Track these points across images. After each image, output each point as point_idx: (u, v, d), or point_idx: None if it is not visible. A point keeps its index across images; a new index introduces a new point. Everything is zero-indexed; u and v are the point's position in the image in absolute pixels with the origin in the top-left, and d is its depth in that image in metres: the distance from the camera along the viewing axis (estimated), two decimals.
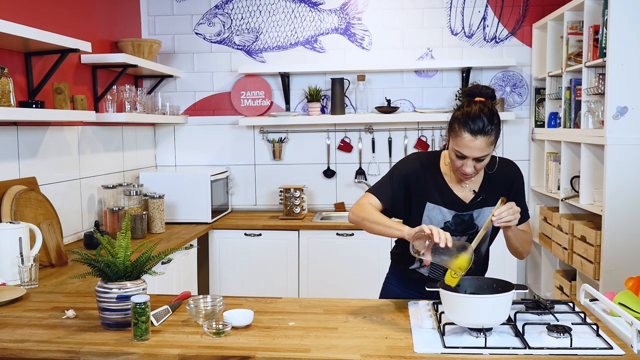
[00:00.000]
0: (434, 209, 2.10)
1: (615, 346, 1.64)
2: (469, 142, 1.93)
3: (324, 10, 4.41)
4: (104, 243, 1.82)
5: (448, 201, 2.10)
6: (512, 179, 2.14)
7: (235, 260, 4.06)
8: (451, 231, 2.08)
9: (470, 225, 2.11)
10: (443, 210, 2.10)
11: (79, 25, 3.49)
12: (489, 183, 2.12)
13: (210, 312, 1.87)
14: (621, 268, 2.97)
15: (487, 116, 1.94)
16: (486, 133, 1.93)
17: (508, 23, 4.33)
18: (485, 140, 1.93)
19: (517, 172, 2.17)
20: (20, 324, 1.89)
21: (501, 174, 2.13)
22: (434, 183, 2.11)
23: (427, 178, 2.12)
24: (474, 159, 1.97)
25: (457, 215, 2.10)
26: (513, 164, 2.19)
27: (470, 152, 1.95)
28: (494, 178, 2.12)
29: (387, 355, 1.61)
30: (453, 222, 2.10)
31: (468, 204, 2.10)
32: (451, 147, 2.01)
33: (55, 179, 3.23)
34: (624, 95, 2.97)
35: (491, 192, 2.10)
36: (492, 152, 2.02)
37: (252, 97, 4.48)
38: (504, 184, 2.12)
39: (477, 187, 2.12)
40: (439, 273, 2.17)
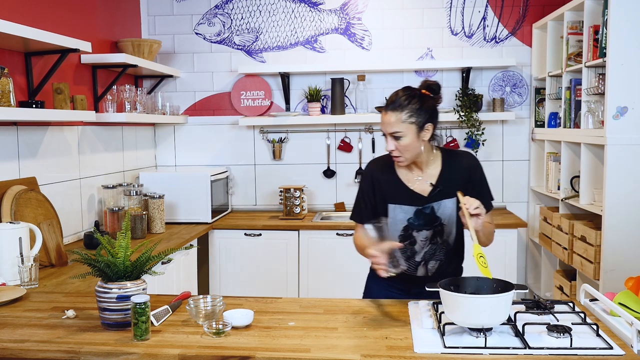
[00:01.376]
0: (395, 208, 2.16)
1: (615, 346, 1.64)
2: (382, 117, 2.10)
3: (324, 10, 4.41)
4: (104, 243, 1.82)
5: (406, 198, 2.15)
6: (469, 170, 2.18)
7: (235, 260, 4.06)
8: (415, 226, 2.14)
9: (433, 218, 2.15)
10: (404, 208, 2.15)
11: (79, 25, 3.49)
12: (446, 175, 2.16)
13: (210, 312, 1.87)
14: (621, 268, 2.97)
15: (403, 97, 2.07)
16: (396, 109, 2.06)
17: (508, 23, 4.33)
18: (396, 115, 2.06)
19: (475, 162, 2.21)
20: (20, 324, 1.89)
21: (458, 165, 2.18)
22: (389, 184, 2.18)
23: (382, 181, 2.20)
24: (391, 136, 2.07)
25: (418, 210, 2.14)
26: (470, 155, 2.24)
27: (384, 128, 2.09)
28: (451, 170, 2.17)
29: (387, 355, 1.61)
30: (415, 217, 2.15)
31: (427, 197, 2.15)
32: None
33: (55, 179, 3.23)
34: (624, 95, 2.97)
35: (449, 184, 2.14)
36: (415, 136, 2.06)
37: (252, 97, 4.48)
38: (461, 175, 2.16)
39: (435, 179, 2.16)
40: (411, 270, 2.21)
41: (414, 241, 2.17)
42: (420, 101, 2.08)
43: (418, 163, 2.16)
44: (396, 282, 2.23)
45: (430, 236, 2.16)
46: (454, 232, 2.19)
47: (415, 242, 2.17)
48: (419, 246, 2.17)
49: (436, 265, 2.21)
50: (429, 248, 2.18)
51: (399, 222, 2.15)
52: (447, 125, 4.40)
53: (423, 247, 2.18)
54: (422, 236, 2.16)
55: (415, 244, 2.17)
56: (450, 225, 2.16)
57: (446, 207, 2.14)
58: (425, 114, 2.08)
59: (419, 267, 2.21)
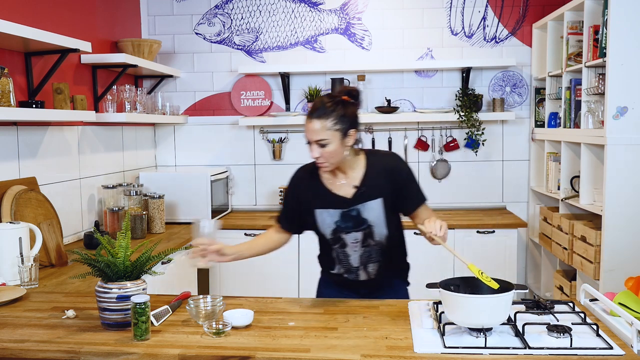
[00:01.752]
0: (322, 213, 2.18)
1: (615, 346, 1.64)
2: (307, 125, 2.08)
3: (324, 10, 4.41)
4: (104, 243, 1.82)
5: (331, 202, 2.17)
6: (393, 171, 2.19)
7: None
8: (343, 229, 2.17)
9: (360, 220, 2.16)
10: (330, 212, 2.17)
11: (79, 25, 3.49)
12: (370, 176, 2.18)
13: (210, 312, 1.87)
14: (621, 268, 2.97)
15: (326, 104, 2.07)
16: (320, 117, 2.05)
17: (508, 23, 4.33)
18: (321, 122, 2.05)
19: (397, 161, 2.23)
20: (20, 324, 1.89)
21: (381, 167, 2.19)
22: (314, 190, 2.20)
23: (307, 188, 2.22)
24: (316, 143, 2.06)
25: (343, 213, 2.16)
26: (393, 155, 2.27)
27: (310, 135, 2.08)
28: (374, 171, 2.18)
29: (387, 355, 1.62)
30: (342, 220, 2.17)
31: (351, 200, 2.16)
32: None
33: (55, 179, 3.23)
34: (624, 95, 2.97)
35: (372, 185, 2.16)
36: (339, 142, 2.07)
37: (252, 97, 4.48)
38: (384, 176, 2.18)
39: (358, 182, 2.17)
40: (353, 274, 2.24)
41: (344, 243, 2.19)
42: (344, 108, 2.08)
43: (342, 167, 2.17)
44: (345, 287, 2.30)
45: (361, 238, 2.18)
46: (385, 233, 2.19)
47: (346, 244, 2.19)
48: (350, 248, 2.20)
49: (376, 267, 2.23)
50: (363, 251, 2.20)
51: (327, 226, 2.18)
52: (447, 125, 4.40)
53: (356, 250, 2.20)
54: (351, 238, 2.18)
55: (345, 246, 2.20)
56: (378, 226, 2.17)
57: (372, 209, 2.16)
58: (349, 121, 2.09)
59: (359, 272, 2.24)
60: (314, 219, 2.20)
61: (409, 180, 2.21)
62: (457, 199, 4.45)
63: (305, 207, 2.22)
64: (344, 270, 2.25)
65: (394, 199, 2.17)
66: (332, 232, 2.18)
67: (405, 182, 2.19)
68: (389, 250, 2.23)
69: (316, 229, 2.23)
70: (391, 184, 2.16)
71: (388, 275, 2.29)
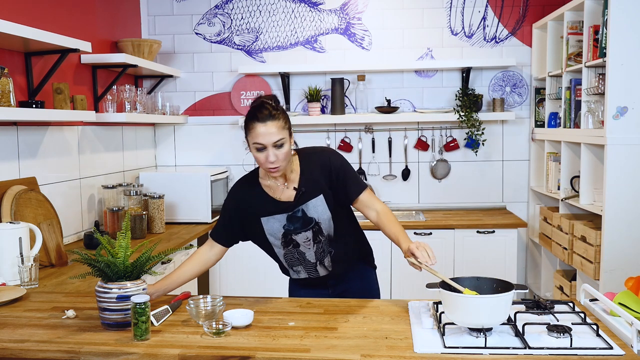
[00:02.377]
0: (268, 220, 2.18)
1: (615, 346, 1.64)
2: (261, 129, 2.01)
3: (324, 10, 4.41)
4: (104, 243, 1.82)
5: (275, 209, 2.17)
6: (326, 163, 2.19)
7: (235, 260, 4.05)
8: (292, 230, 2.17)
9: (307, 220, 2.17)
10: (276, 217, 2.17)
11: (79, 25, 3.49)
12: (307, 176, 2.18)
13: (210, 312, 1.87)
14: (621, 268, 2.97)
15: (270, 104, 2.05)
16: (274, 117, 2.02)
17: (508, 23, 4.33)
18: (276, 124, 2.02)
19: (330, 154, 2.22)
20: (20, 324, 1.89)
21: (315, 163, 2.19)
22: (256, 199, 2.19)
23: (249, 199, 2.20)
24: (274, 146, 2.03)
25: (289, 215, 2.17)
26: (324, 149, 2.27)
27: (266, 139, 2.01)
28: (309, 170, 2.18)
29: (387, 355, 1.61)
30: (290, 223, 2.17)
31: (294, 202, 2.17)
32: (251, 146, 2.07)
33: (55, 179, 3.23)
34: (624, 95, 2.97)
35: (311, 184, 2.17)
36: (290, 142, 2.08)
37: (252, 97, 4.48)
38: (320, 171, 2.18)
39: (297, 183, 2.18)
40: (314, 271, 2.26)
41: (296, 244, 2.20)
42: (281, 107, 2.11)
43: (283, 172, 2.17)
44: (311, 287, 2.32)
45: (311, 237, 2.19)
46: (332, 225, 2.21)
47: (298, 244, 2.20)
48: (304, 247, 2.21)
49: (330, 259, 2.25)
50: (317, 248, 2.21)
51: (276, 231, 2.19)
52: (447, 125, 4.40)
53: (310, 248, 2.21)
54: (302, 238, 2.19)
55: (298, 246, 2.21)
56: (325, 221, 2.18)
57: (316, 207, 2.17)
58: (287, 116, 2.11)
59: (318, 268, 2.26)
60: (260, 227, 2.19)
61: (342, 170, 2.20)
62: (457, 199, 4.45)
63: (250, 218, 2.20)
64: (303, 269, 2.27)
65: (334, 192, 2.19)
66: (283, 236, 2.19)
67: (339, 173, 2.19)
68: (339, 240, 2.24)
69: (263, 237, 2.22)
70: (327, 178, 2.18)
71: (348, 262, 2.31)
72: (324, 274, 2.27)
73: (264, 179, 2.20)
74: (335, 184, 2.19)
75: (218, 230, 2.27)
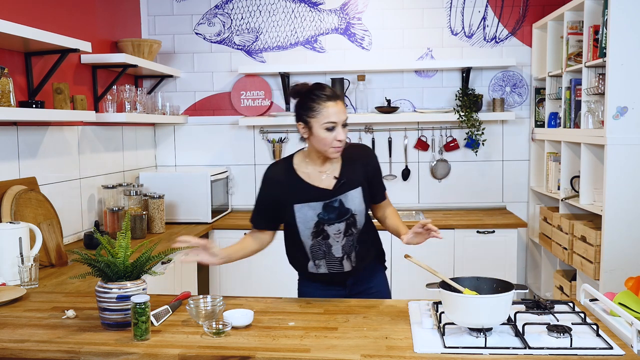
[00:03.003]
0: (302, 208, 2.17)
1: (615, 346, 1.64)
2: (333, 107, 2.07)
3: (324, 10, 4.41)
4: (104, 243, 1.82)
5: (312, 196, 2.17)
6: (366, 159, 2.26)
7: None
8: (326, 220, 2.17)
9: (343, 210, 2.18)
10: (311, 205, 2.17)
11: (79, 25, 3.49)
12: (347, 167, 2.21)
13: (210, 312, 1.87)
14: (621, 268, 2.97)
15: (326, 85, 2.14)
16: (339, 97, 2.12)
17: (508, 23, 4.33)
18: (342, 104, 2.11)
19: (370, 152, 2.33)
20: (20, 324, 1.89)
21: (356, 156, 2.24)
22: (292, 185, 2.20)
23: (285, 185, 2.20)
24: (343, 125, 2.10)
25: (326, 204, 2.17)
26: (366, 147, 2.36)
27: (339, 117, 2.07)
28: (350, 161, 2.22)
29: (387, 355, 1.62)
30: (325, 212, 2.17)
31: (333, 191, 2.17)
32: (318, 126, 2.08)
33: (55, 179, 3.23)
34: (624, 95, 2.97)
35: (351, 175, 2.20)
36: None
37: (252, 97, 4.48)
38: (360, 165, 2.23)
39: (337, 172, 2.19)
40: (337, 266, 2.24)
41: (326, 235, 2.19)
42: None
43: (323, 159, 2.19)
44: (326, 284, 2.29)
45: (343, 229, 2.19)
46: (364, 220, 2.24)
47: (328, 236, 2.19)
48: (333, 240, 2.20)
49: (356, 255, 2.25)
50: (346, 242, 2.21)
51: (309, 220, 2.17)
52: (447, 125, 4.40)
53: (338, 241, 2.20)
54: (334, 230, 2.18)
55: (328, 237, 2.19)
56: (360, 214, 2.21)
57: (354, 198, 2.18)
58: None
59: (343, 262, 2.24)
60: (292, 214, 2.18)
61: (378, 171, 2.30)
62: (457, 199, 4.45)
63: (283, 204, 2.20)
64: (325, 264, 2.24)
65: (368, 188, 2.24)
66: (315, 225, 2.17)
67: (375, 173, 2.28)
68: (364, 236, 2.26)
69: (293, 225, 2.21)
70: (365, 174, 2.22)
71: (368, 261, 2.32)
72: (349, 269, 2.25)
73: (301, 166, 2.21)
74: (369, 181, 2.23)
75: (257, 219, 2.29)
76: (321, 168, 2.19)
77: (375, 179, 2.27)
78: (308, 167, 2.20)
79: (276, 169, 2.26)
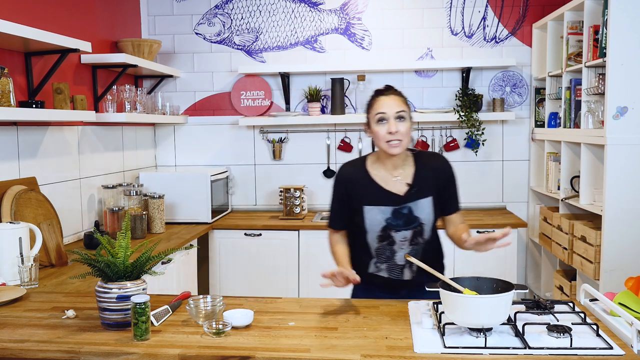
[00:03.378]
0: (371, 210, 2.16)
1: (615, 346, 1.64)
2: (384, 100, 2.12)
3: (324, 10, 4.41)
4: (104, 243, 1.82)
5: (382, 199, 2.16)
6: (441, 171, 2.22)
7: (235, 260, 4.06)
8: (394, 226, 2.15)
9: (412, 218, 2.15)
10: (381, 209, 2.15)
11: (79, 25, 3.49)
12: (421, 175, 2.19)
13: (210, 312, 1.87)
14: (621, 268, 2.97)
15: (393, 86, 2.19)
16: (397, 93, 2.15)
17: (508, 23, 4.33)
18: (398, 97, 2.13)
19: (446, 164, 2.25)
20: (20, 324, 1.89)
21: (431, 166, 2.21)
22: (364, 186, 2.19)
23: (358, 184, 2.20)
24: (396, 117, 2.09)
25: (395, 210, 2.15)
26: (442, 157, 2.29)
27: (389, 108, 2.09)
28: (424, 170, 2.20)
29: (387, 355, 1.61)
30: (393, 217, 2.15)
31: (404, 197, 2.16)
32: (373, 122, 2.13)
33: (55, 179, 3.23)
34: (624, 95, 2.97)
35: (423, 184, 2.17)
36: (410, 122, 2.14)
37: (252, 97, 4.48)
38: (433, 176, 2.19)
39: (410, 179, 2.17)
40: (397, 272, 2.22)
41: (392, 241, 2.18)
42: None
43: (394, 163, 2.17)
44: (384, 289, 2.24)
45: (410, 237, 2.17)
46: (431, 232, 2.22)
47: (394, 242, 2.18)
48: (398, 246, 2.18)
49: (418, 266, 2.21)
50: (411, 249, 2.18)
51: (377, 223, 2.16)
52: (447, 125, 4.40)
53: (403, 248, 2.18)
54: (400, 236, 2.16)
55: (394, 244, 2.18)
56: (428, 224, 2.18)
57: (424, 207, 2.16)
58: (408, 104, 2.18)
59: (404, 271, 2.22)
60: (361, 216, 2.17)
61: (452, 183, 2.23)
62: None
63: (354, 206, 2.19)
64: (386, 269, 2.21)
65: (439, 199, 2.19)
66: (382, 230, 2.16)
67: (448, 184, 2.22)
68: (433, 249, 2.24)
69: (361, 226, 2.19)
70: (438, 185, 2.19)
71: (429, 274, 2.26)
72: (408, 278, 2.21)
73: (374, 168, 2.20)
74: (442, 192, 2.19)
75: (335, 220, 2.27)
76: (393, 172, 2.18)
77: (448, 191, 2.21)
78: (380, 170, 2.19)
79: (350, 169, 2.25)
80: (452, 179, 2.24)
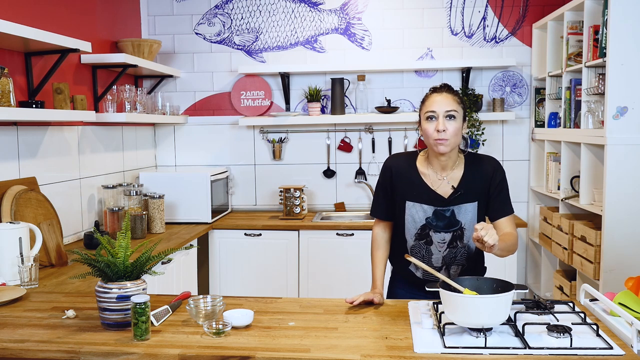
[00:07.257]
0: (413, 206, 2.14)
1: (615, 346, 1.64)
2: (435, 97, 2.09)
3: (324, 10, 4.41)
4: (104, 243, 1.82)
5: (426, 197, 2.13)
6: (491, 175, 2.18)
7: (235, 260, 4.06)
8: (433, 226, 2.12)
9: (453, 222, 2.13)
10: (424, 207, 2.14)
11: (79, 25, 3.49)
12: (468, 178, 2.15)
13: (210, 312, 1.87)
14: (621, 268, 2.97)
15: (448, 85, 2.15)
16: (450, 91, 2.11)
17: (508, 23, 4.33)
18: (450, 96, 2.09)
19: (497, 167, 2.22)
20: (20, 324, 1.89)
21: (481, 170, 2.17)
22: (410, 181, 2.16)
23: (403, 178, 2.18)
24: (446, 115, 2.06)
25: (437, 211, 2.13)
26: (493, 160, 2.24)
27: (438, 106, 2.06)
28: (472, 174, 2.16)
29: (387, 355, 1.61)
30: (434, 217, 2.13)
31: (447, 199, 2.13)
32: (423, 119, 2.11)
33: (55, 179, 3.23)
34: (624, 95, 2.97)
35: (470, 188, 2.14)
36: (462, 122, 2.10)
37: (252, 97, 4.48)
38: (482, 180, 2.16)
39: (457, 182, 2.15)
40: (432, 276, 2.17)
41: (430, 241, 2.16)
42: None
43: (443, 163, 2.14)
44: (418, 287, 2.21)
45: (449, 240, 2.15)
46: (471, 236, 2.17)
47: (432, 242, 2.16)
48: (435, 247, 2.16)
49: (459, 270, 2.20)
50: (448, 252, 2.16)
51: (417, 221, 2.14)
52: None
53: (440, 250, 2.16)
54: (439, 238, 2.14)
55: (431, 244, 2.16)
56: (470, 229, 2.14)
57: (467, 211, 2.13)
58: (465, 109, 2.13)
59: (441, 272, 2.17)
60: (402, 210, 2.15)
61: (500, 187, 2.18)
62: None
63: (397, 198, 2.17)
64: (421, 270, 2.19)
65: (486, 204, 2.16)
66: (421, 228, 2.14)
67: (497, 188, 2.17)
68: (474, 254, 2.20)
69: (401, 221, 2.17)
70: (485, 188, 2.15)
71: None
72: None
73: (423, 165, 2.18)
74: (488, 196, 2.16)
75: (377, 207, 2.25)
76: (441, 172, 2.15)
77: (496, 196, 2.16)
78: (428, 168, 2.17)
79: (398, 160, 2.23)
80: (500, 184, 2.18)
